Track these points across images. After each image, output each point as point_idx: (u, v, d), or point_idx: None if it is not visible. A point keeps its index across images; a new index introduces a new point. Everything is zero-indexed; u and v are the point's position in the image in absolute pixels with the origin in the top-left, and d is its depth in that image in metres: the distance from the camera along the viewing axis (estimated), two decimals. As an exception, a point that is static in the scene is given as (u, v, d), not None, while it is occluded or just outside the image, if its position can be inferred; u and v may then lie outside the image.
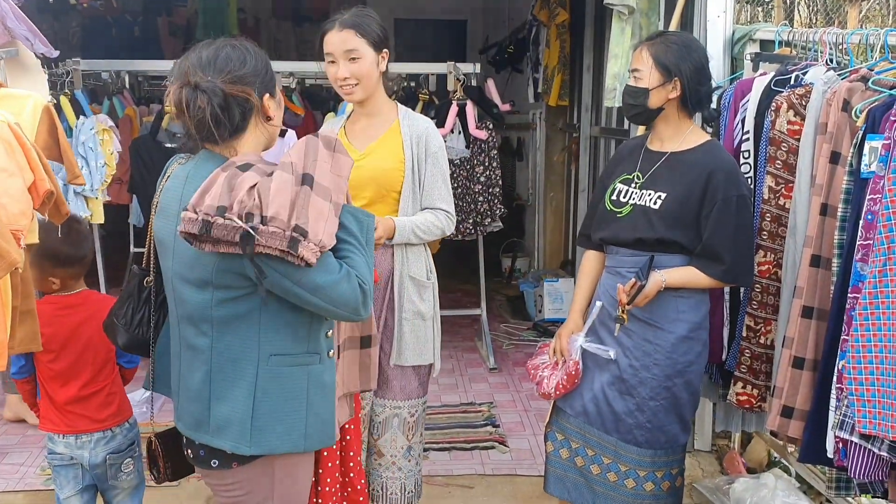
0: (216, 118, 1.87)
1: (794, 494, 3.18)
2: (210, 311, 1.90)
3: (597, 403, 2.74)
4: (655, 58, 2.62)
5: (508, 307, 6.73)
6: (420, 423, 2.88)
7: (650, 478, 2.72)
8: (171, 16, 9.19)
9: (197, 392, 1.96)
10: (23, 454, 3.94)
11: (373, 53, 2.63)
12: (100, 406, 2.71)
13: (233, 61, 1.91)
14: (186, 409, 2.02)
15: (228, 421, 1.93)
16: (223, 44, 1.95)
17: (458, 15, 9.47)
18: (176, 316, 2.02)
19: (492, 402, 4.70)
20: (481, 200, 5.16)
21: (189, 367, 1.99)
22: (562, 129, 7.04)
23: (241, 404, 1.92)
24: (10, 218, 2.01)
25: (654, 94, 2.63)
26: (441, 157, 2.77)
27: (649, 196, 2.67)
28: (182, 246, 1.88)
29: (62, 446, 2.70)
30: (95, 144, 4.32)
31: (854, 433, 2.21)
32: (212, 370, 1.94)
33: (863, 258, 2.25)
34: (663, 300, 2.63)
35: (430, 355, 2.84)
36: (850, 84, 2.52)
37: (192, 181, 1.91)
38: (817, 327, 2.54)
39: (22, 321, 2.28)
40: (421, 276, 2.79)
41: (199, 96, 1.85)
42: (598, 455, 2.76)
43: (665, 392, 2.66)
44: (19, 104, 2.41)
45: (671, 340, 2.65)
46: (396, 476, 2.82)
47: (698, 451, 3.95)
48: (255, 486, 2.01)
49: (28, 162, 2.09)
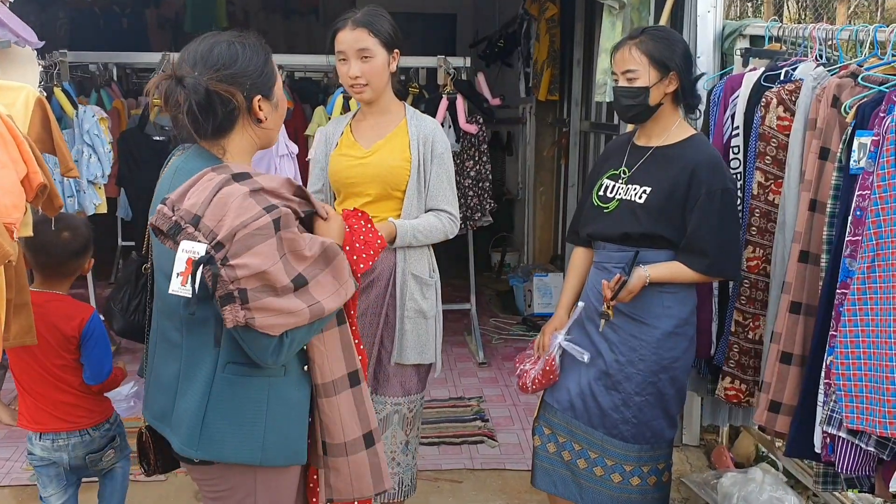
0: (193, 115, 1.83)
1: (782, 489, 3.20)
2: (179, 308, 1.86)
3: (583, 398, 2.74)
4: (649, 55, 2.60)
5: (498, 302, 6.73)
6: (418, 417, 2.88)
7: (636, 472, 2.72)
8: (159, 8, 9.12)
9: (168, 384, 1.95)
10: (8, 449, 3.92)
11: (384, 53, 2.64)
12: (70, 408, 2.67)
13: (223, 58, 1.87)
14: (155, 399, 2.01)
15: (182, 420, 1.90)
16: (221, 39, 1.91)
17: (448, 9, 9.44)
18: (157, 307, 2.02)
19: (481, 397, 4.70)
20: (471, 195, 5.15)
21: (164, 359, 1.98)
22: (551, 124, 7.04)
23: (195, 406, 1.88)
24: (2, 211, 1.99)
25: (654, 90, 2.62)
26: (447, 159, 2.76)
27: (634, 191, 2.67)
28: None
29: (39, 449, 2.67)
30: (100, 131, 4.31)
31: (842, 428, 2.22)
32: (181, 366, 1.92)
33: (851, 254, 2.25)
34: (649, 295, 2.63)
35: (431, 354, 2.83)
36: (839, 80, 2.52)
37: (180, 175, 1.89)
38: (805, 323, 2.55)
39: (17, 314, 2.26)
40: (423, 274, 2.78)
41: (179, 91, 1.82)
42: (585, 449, 2.77)
43: (651, 387, 2.67)
44: (11, 96, 2.39)
45: (657, 336, 2.65)
46: (395, 472, 2.82)
47: (686, 446, 3.97)
48: (237, 484, 1.98)
49: (21, 154, 2.07)
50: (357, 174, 2.73)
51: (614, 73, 2.70)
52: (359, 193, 2.73)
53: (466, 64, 5.05)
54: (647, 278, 2.59)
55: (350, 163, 2.76)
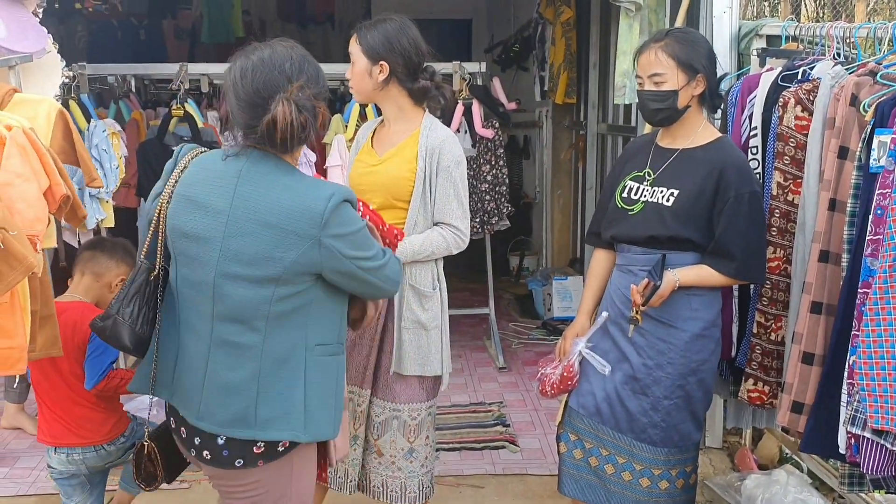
0: (305, 133, 1.92)
1: (807, 491, 3.17)
2: (268, 307, 1.93)
3: (610, 403, 2.73)
4: (676, 58, 2.59)
5: (517, 306, 6.72)
6: (424, 426, 2.82)
7: (665, 476, 2.71)
8: (176, 19, 9.20)
9: (240, 387, 1.96)
10: (34, 458, 3.95)
11: (365, 61, 2.66)
12: (84, 422, 2.69)
13: (312, 73, 1.98)
14: (221, 406, 1.98)
15: (285, 412, 1.96)
16: (296, 52, 1.99)
17: (462, 14, 9.46)
18: (206, 314, 1.99)
19: (501, 402, 4.69)
20: (488, 199, 5.15)
21: (227, 365, 1.97)
22: (568, 127, 7.02)
23: (297, 393, 1.98)
24: (26, 223, 2.02)
25: (683, 93, 2.61)
26: (455, 172, 2.71)
27: (661, 193, 2.65)
28: (238, 243, 1.91)
29: (56, 462, 2.70)
30: (108, 147, 4.33)
31: (866, 429, 2.20)
32: (262, 365, 1.96)
33: (872, 253, 2.24)
34: (677, 299, 2.62)
35: (434, 367, 2.78)
36: (857, 78, 2.50)
37: (249, 179, 1.93)
38: (826, 323, 2.53)
39: (42, 326, 2.29)
40: (424, 287, 2.75)
41: (300, 114, 1.89)
42: (613, 455, 2.75)
43: (679, 391, 2.66)
44: (34, 109, 2.43)
45: (685, 339, 2.64)
46: (396, 475, 2.80)
47: (709, 448, 3.94)
48: (273, 485, 2.01)
49: (43, 166, 2.10)
50: (366, 182, 2.74)
51: (639, 77, 2.68)
52: (366, 201, 2.74)
53: (482, 69, 5.06)
54: (678, 282, 2.58)
55: (363, 169, 2.79)
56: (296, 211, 1.90)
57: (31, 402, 4.34)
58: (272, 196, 1.92)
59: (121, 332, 2.08)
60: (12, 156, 2.04)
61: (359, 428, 2.80)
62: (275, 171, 1.94)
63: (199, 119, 4.69)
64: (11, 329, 2.07)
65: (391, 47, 2.65)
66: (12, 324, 2.07)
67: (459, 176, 2.73)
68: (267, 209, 1.91)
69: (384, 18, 2.71)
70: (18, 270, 1.91)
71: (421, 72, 2.72)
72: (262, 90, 1.91)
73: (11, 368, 2.09)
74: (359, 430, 2.80)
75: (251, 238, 1.91)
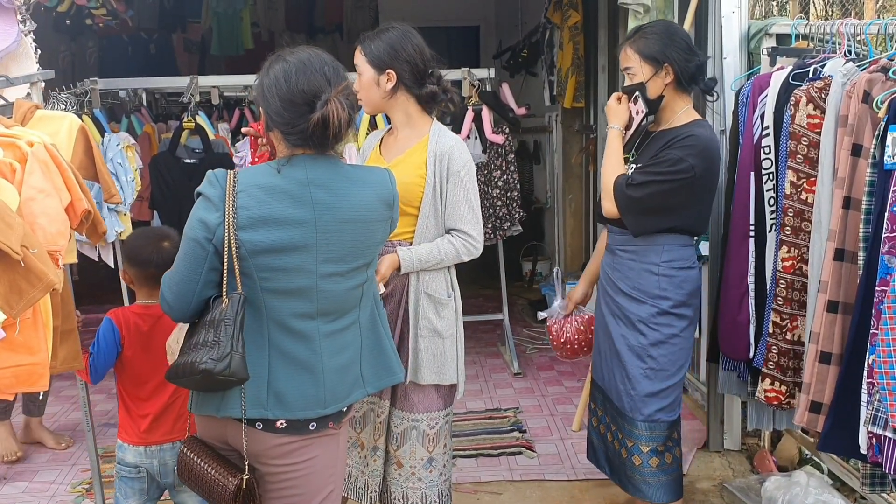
0: (349, 130, 2.06)
1: (827, 492, 3.14)
2: (365, 287, 2.17)
3: (609, 370, 3.00)
4: (640, 52, 2.84)
5: (531, 311, 6.70)
6: (442, 434, 2.82)
7: (636, 450, 2.95)
8: (185, 32, 9.25)
9: (350, 363, 2.17)
10: (53, 472, 3.97)
11: (371, 71, 2.66)
12: (175, 418, 2.70)
13: (345, 78, 2.09)
14: (338, 386, 2.14)
15: (385, 365, 2.27)
16: (325, 58, 2.10)
17: (470, 21, 9.48)
18: (309, 313, 2.07)
19: (517, 407, 4.68)
20: (500, 205, 5.15)
21: (337, 350, 2.14)
22: (578, 131, 7.02)
23: (387, 343, 2.28)
24: (47, 238, 2.03)
25: (651, 84, 2.85)
26: (465, 177, 2.70)
27: (631, 171, 2.87)
28: (331, 245, 2.04)
29: (131, 455, 2.69)
30: (123, 160, 4.36)
31: (888, 428, 2.19)
32: (361, 336, 2.20)
33: (890, 251, 2.22)
34: (643, 277, 2.87)
35: (451, 375, 2.77)
36: (869, 75, 2.50)
37: (319, 185, 2.04)
38: (843, 321, 2.52)
39: (63, 341, 2.30)
40: (439, 294, 2.74)
41: (345, 111, 2.01)
42: (613, 428, 3.04)
43: (650, 361, 2.88)
44: (55, 125, 2.45)
45: (653, 312, 2.88)
46: (417, 486, 2.80)
47: (728, 451, 3.92)
48: (327, 450, 2.16)
49: (65, 182, 2.12)
50: None
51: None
52: None
53: (491, 75, 5.06)
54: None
55: None
56: (374, 202, 2.11)
57: (48, 416, 4.38)
58: (347, 194, 2.06)
59: (242, 367, 1.96)
60: (34, 171, 2.06)
61: (378, 439, 2.80)
62: (334, 170, 2.08)
63: (211, 131, 4.72)
64: (35, 345, 2.08)
65: (396, 55, 2.66)
66: (35, 340, 2.08)
67: (469, 181, 2.72)
68: (348, 207, 2.06)
69: (386, 28, 2.72)
70: (38, 288, 1.93)
71: (427, 77, 2.72)
72: (306, 90, 2.01)
73: (35, 385, 2.09)
74: (379, 440, 2.80)
75: (341, 237, 2.06)
